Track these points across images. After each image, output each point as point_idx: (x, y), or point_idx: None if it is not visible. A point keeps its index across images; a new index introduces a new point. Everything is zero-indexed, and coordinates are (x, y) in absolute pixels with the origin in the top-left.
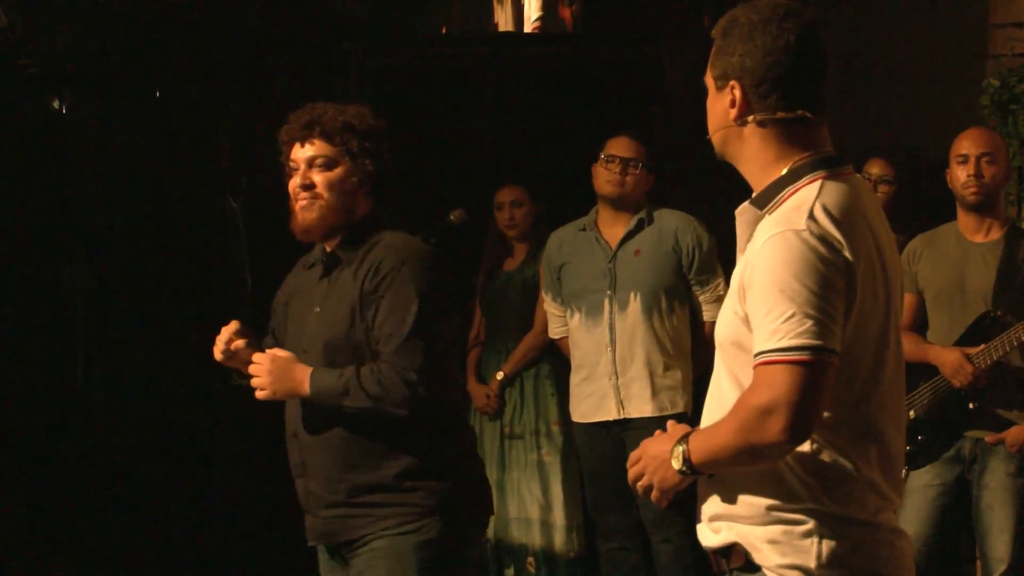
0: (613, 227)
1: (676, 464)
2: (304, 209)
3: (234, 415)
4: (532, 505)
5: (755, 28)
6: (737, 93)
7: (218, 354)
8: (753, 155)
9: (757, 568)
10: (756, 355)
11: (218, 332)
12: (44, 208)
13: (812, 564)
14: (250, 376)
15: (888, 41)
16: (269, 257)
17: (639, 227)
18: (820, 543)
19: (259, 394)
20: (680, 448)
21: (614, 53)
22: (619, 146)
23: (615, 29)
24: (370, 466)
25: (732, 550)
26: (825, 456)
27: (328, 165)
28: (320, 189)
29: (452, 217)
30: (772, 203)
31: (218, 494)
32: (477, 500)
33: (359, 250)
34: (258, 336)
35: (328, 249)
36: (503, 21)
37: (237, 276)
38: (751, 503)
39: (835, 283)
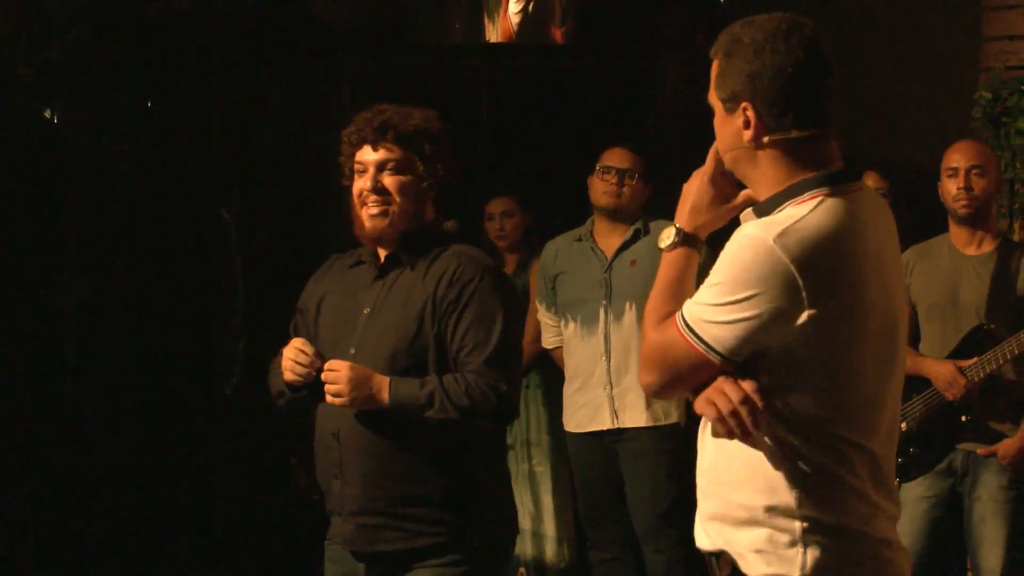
0: (609, 237)
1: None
2: (374, 216)
3: (227, 425)
4: (523, 516)
5: (762, 48)
6: (751, 115)
7: (296, 373)
8: (766, 175)
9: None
10: (682, 308)
11: (210, 339)
12: (36, 218)
13: (796, 574)
14: (299, 391)
15: (880, 53)
16: (262, 267)
17: (635, 237)
18: (805, 553)
19: (336, 401)
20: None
21: (608, 64)
22: (615, 157)
23: (608, 40)
24: (413, 478)
25: (721, 556)
26: (809, 462)
27: (401, 169)
28: (393, 193)
29: (446, 227)
30: (771, 213)
31: (211, 505)
32: (509, 521)
33: (424, 255)
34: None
35: (383, 251)
36: (494, 38)
37: (230, 286)
38: (743, 504)
39: (773, 298)
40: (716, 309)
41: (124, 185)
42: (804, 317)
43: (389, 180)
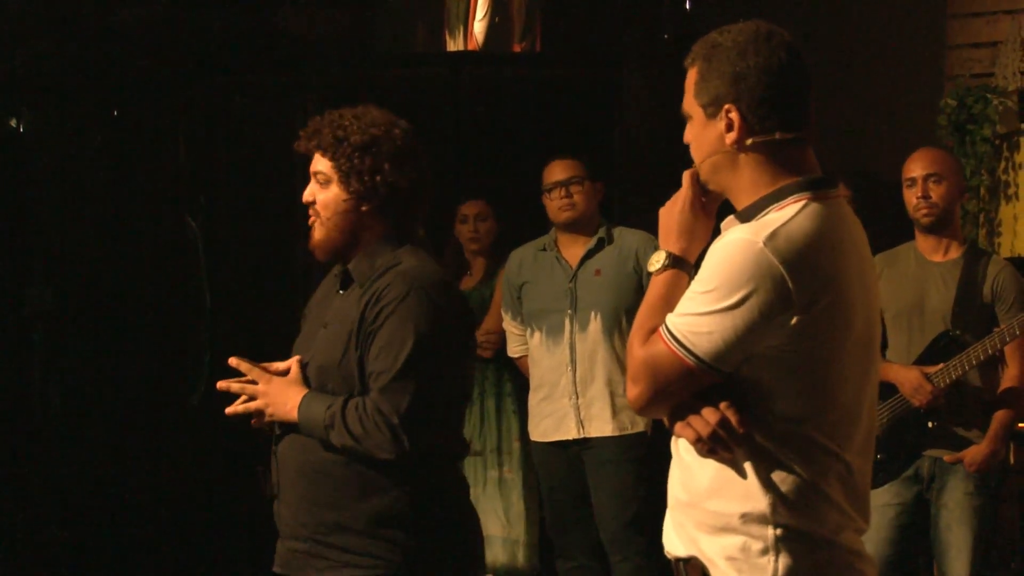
0: (572, 247)
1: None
2: (312, 228)
3: (194, 435)
4: (494, 522)
5: (745, 49)
6: (734, 116)
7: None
8: (747, 180)
9: None
10: (666, 321)
11: (176, 348)
12: (2, 227)
13: None
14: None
15: (845, 62)
16: (227, 276)
17: (599, 246)
18: (776, 561)
19: (259, 418)
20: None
21: (573, 73)
22: (555, 171)
23: (574, 49)
24: (339, 504)
25: (689, 562)
26: (785, 468)
27: (325, 182)
28: (319, 207)
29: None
30: (754, 218)
31: (176, 514)
32: (461, 559)
33: (372, 271)
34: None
35: (347, 265)
36: (455, 48)
37: (196, 294)
38: (717, 512)
39: (766, 301)
40: (706, 318)
41: (90, 194)
42: (793, 320)
43: (319, 193)
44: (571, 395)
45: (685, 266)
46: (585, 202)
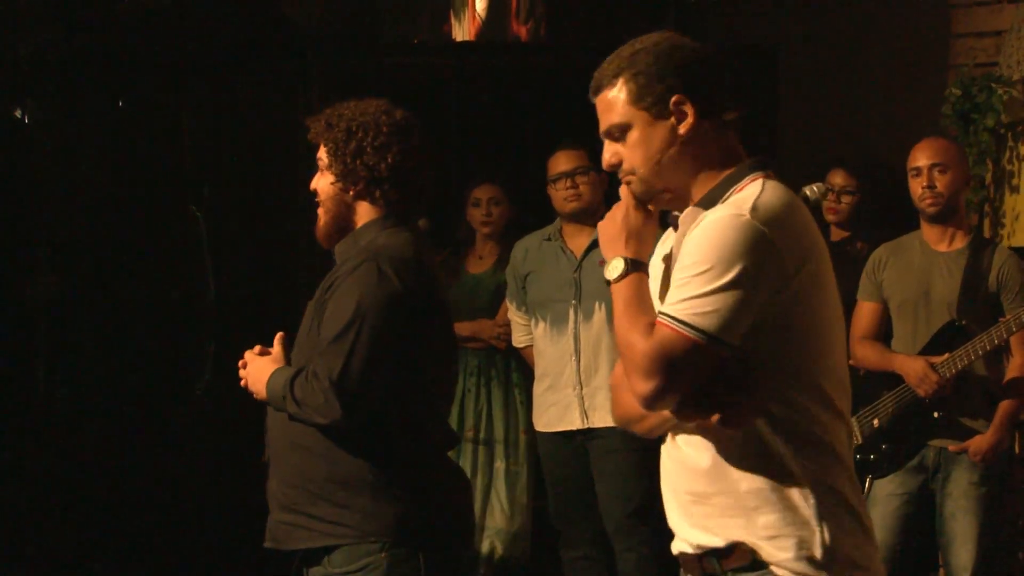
0: (577, 237)
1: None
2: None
3: (200, 425)
4: (498, 514)
5: (672, 47)
6: (687, 107)
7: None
8: (698, 170)
9: (764, 565)
10: (660, 313)
11: (181, 338)
12: (7, 217)
13: (818, 553)
14: None
15: (850, 51)
16: (232, 266)
17: None
18: (822, 529)
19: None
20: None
21: (576, 61)
22: (561, 162)
23: (576, 37)
24: (315, 475)
25: (733, 551)
26: (801, 436)
27: (323, 169)
28: (319, 194)
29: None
30: (720, 201)
31: (183, 505)
32: (441, 529)
33: (355, 252)
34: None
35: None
36: (460, 37)
37: (200, 285)
38: (751, 491)
39: (763, 270)
40: (709, 298)
41: (95, 183)
42: (786, 287)
43: (318, 180)
44: (575, 385)
45: (643, 268)
46: (591, 192)
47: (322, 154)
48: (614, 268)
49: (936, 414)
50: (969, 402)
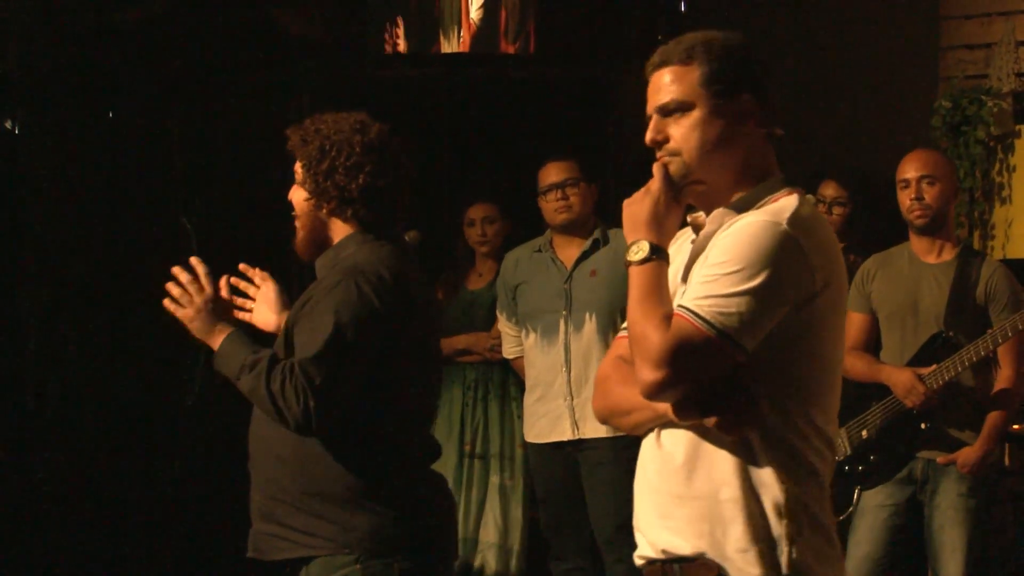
0: (568, 248)
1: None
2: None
3: (190, 434)
4: (492, 528)
5: (748, 48)
6: (755, 109)
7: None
8: (739, 172)
9: None
10: (679, 306)
11: (171, 350)
12: None
13: (785, 572)
14: None
15: (840, 63)
16: (222, 276)
17: (594, 247)
18: (791, 549)
19: (176, 311)
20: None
21: (568, 73)
22: (551, 174)
23: (569, 50)
24: (291, 487)
25: (695, 563)
26: (790, 450)
27: (298, 183)
28: (295, 207)
29: (407, 238)
30: (754, 207)
31: (173, 513)
32: (420, 541)
33: (334, 265)
34: None
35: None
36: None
37: None
38: (729, 499)
39: (792, 282)
40: (734, 299)
41: (85, 195)
42: (810, 301)
43: (293, 194)
44: (566, 396)
45: (664, 255)
46: (581, 204)
47: (298, 168)
48: (638, 250)
49: (924, 425)
50: (957, 414)
